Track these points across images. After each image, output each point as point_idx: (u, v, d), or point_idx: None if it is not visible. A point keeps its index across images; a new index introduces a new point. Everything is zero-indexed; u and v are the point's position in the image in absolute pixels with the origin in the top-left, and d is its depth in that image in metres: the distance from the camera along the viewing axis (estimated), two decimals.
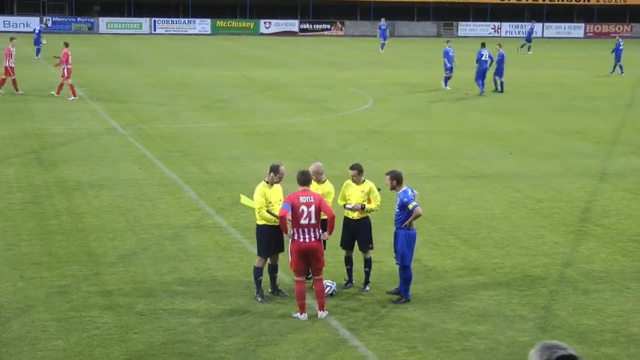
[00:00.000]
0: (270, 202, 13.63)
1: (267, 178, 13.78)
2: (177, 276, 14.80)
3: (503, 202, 20.46)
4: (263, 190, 13.67)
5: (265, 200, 13.60)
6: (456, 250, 16.69)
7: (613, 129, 31.65)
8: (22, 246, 16.31)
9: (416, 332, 12.68)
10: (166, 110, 33.88)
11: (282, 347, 12.08)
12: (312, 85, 43.53)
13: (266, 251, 13.76)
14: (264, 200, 13.60)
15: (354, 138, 28.57)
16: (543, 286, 14.71)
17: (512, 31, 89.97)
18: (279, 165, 13.84)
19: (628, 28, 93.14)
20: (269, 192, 13.67)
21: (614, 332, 12.85)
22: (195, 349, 11.95)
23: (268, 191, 13.67)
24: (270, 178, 13.75)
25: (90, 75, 45.33)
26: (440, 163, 24.88)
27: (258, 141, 27.69)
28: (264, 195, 13.62)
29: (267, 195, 13.63)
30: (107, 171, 22.67)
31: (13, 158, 24.25)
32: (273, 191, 13.73)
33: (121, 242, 16.65)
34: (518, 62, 59.06)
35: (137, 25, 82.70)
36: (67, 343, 12.03)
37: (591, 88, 44.78)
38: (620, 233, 18.10)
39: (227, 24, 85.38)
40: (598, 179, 23.19)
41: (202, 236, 17.16)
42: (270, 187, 13.72)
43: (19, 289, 14.05)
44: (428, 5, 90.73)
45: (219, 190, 20.96)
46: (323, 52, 66.20)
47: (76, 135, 27.94)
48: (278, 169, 13.75)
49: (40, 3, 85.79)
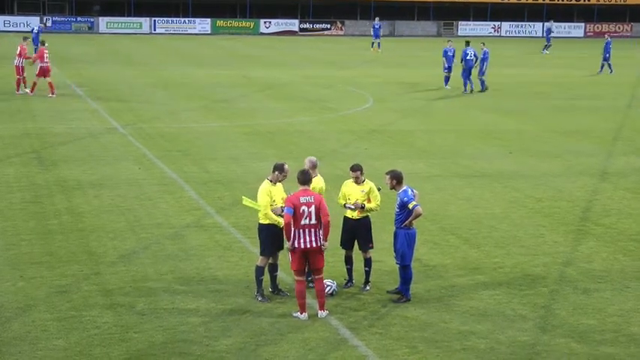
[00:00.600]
0: (274, 201, 13.65)
1: (271, 176, 13.78)
2: (178, 275, 14.81)
3: (504, 202, 20.46)
4: (268, 188, 13.66)
5: (270, 199, 13.60)
6: (456, 249, 16.69)
7: (613, 128, 31.65)
8: (22, 245, 16.32)
9: (416, 332, 12.68)
10: (166, 110, 33.88)
11: (283, 347, 12.08)
12: (313, 84, 43.53)
13: (270, 250, 13.76)
14: (270, 199, 13.60)
15: (354, 137, 28.57)
16: (543, 286, 14.71)
17: (512, 30, 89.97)
18: (283, 164, 13.86)
19: (628, 28, 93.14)
20: (274, 190, 13.68)
21: (614, 332, 12.85)
22: (195, 348, 11.95)
23: (273, 189, 13.68)
24: (274, 176, 13.76)
25: (90, 75, 45.34)
26: (440, 162, 24.88)
27: (259, 140, 27.70)
28: (270, 194, 13.62)
29: (272, 193, 13.64)
30: (107, 170, 22.67)
31: (13, 158, 24.25)
32: (277, 190, 13.74)
33: (122, 242, 16.65)
34: (520, 62, 59.09)
35: (137, 25, 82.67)
36: (68, 343, 12.03)
37: (591, 88, 44.77)
38: (620, 232, 18.10)
39: (227, 24, 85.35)
40: (598, 178, 23.19)
41: (202, 236, 17.16)
42: (274, 186, 13.73)
43: (20, 289, 14.05)
44: (428, 5, 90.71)
45: (219, 190, 20.97)
46: (323, 51, 66.20)
47: (77, 135, 27.94)
48: (283, 167, 13.76)
49: (41, 3, 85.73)
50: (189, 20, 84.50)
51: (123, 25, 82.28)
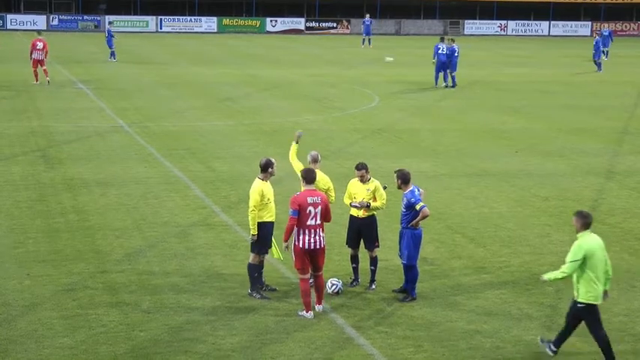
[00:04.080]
0: (268, 199, 13.65)
1: (261, 175, 13.75)
2: (184, 274, 14.82)
3: (510, 201, 20.44)
4: (261, 188, 13.63)
5: (262, 198, 13.58)
6: (463, 248, 16.68)
7: (620, 127, 31.59)
8: (28, 244, 16.35)
9: (422, 331, 12.68)
10: (172, 108, 33.91)
11: (288, 345, 12.09)
12: (319, 83, 43.52)
13: (263, 248, 13.79)
14: (260, 198, 13.57)
15: (360, 136, 28.56)
16: (549, 285, 14.67)
17: (518, 29, 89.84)
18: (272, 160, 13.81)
19: (635, 27, 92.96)
20: (265, 189, 13.67)
21: (620, 331, 12.83)
22: (201, 346, 11.96)
23: (265, 188, 13.66)
24: (264, 175, 13.73)
25: (96, 73, 45.40)
26: (446, 161, 24.86)
27: (264, 139, 27.70)
28: (262, 193, 13.60)
29: (264, 192, 13.61)
30: (113, 169, 22.70)
31: (19, 156, 24.30)
32: (268, 187, 13.75)
33: (127, 240, 16.67)
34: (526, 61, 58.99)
35: (143, 24, 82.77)
36: (74, 341, 12.05)
37: (598, 87, 44.69)
38: (626, 232, 18.07)
39: (233, 22, 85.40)
40: (605, 178, 23.15)
41: (208, 234, 17.17)
42: (266, 183, 13.72)
43: (26, 287, 14.08)
44: (434, 4, 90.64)
45: (225, 189, 20.98)
46: (329, 50, 66.19)
47: (83, 133, 27.99)
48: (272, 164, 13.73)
49: (47, 1, 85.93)
50: (196, 19, 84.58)
51: (129, 24, 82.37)
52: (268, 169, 13.70)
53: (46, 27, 79.32)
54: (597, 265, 11.50)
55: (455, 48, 41.65)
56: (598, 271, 11.50)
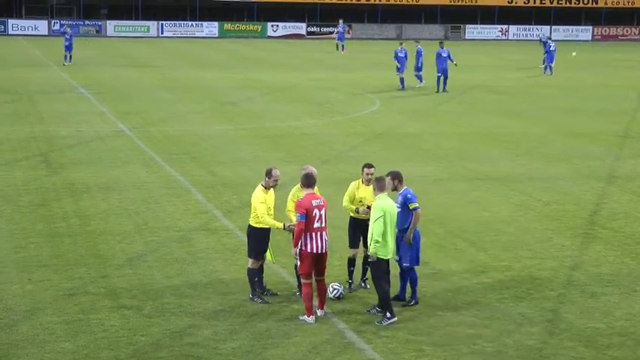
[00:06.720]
0: (269, 208, 13.74)
1: (264, 182, 13.83)
2: (185, 278, 14.83)
3: (511, 205, 20.43)
4: (263, 196, 13.71)
5: (266, 206, 13.67)
6: (463, 252, 16.68)
7: (621, 131, 31.59)
8: (30, 248, 16.35)
9: (423, 335, 12.68)
10: (173, 113, 33.93)
11: (289, 350, 12.09)
12: (320, 87, 43.56)
13: (260, 253, 13.82)
14: (265, 206, 13.67)
15: (361, 140, 28.57)
16: (551, 289, 14.69)
17: (519, 34, 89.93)
18: (272, 168, 13.90)
19: (636, 31, 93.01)
20: (267, 197, 13.75)
21: (621, 335, 12.83)
22: (202, 351, 11.96)
23: (267, 196, 13.74)
24: (266, 182, 13.81)
25: (97, 77, 45.43)
26: (447, 165, 24.86)
27: (266, 143, 27.71)
28: (265, 201, 13.69)
29: (266, 200, 13.70)
30: (115, 173, 22.71)
31: (21, 161, 24.31)
32: (269, 196, 13.80)
33: (129, 245, 16.68)
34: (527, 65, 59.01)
35: (145, 29, 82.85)
36: (75, 346, 12.06)
37: (598, 90, 44.71)
38: (628, 236, 18.06)
39: (234, 27, 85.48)
40: (606, 182, 23.14)
41: (210, 239, 17.18)
42: (267, 192, 13.78)
43: (27, 292, 14.08)
44: (435, 8, 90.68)
45: (226, 193, 20.98)
46: (330, 54, 66.23)
47: (84, 137, 28.01)
48: (271, 172, 13.80)
49: (49, 6, 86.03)
50: (197, 24, 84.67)
51: (130, 29, 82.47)
52: (266, 177, 13.78)
53: (47, 32, 79.51)
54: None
55: (421, 49, 43.57)
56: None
